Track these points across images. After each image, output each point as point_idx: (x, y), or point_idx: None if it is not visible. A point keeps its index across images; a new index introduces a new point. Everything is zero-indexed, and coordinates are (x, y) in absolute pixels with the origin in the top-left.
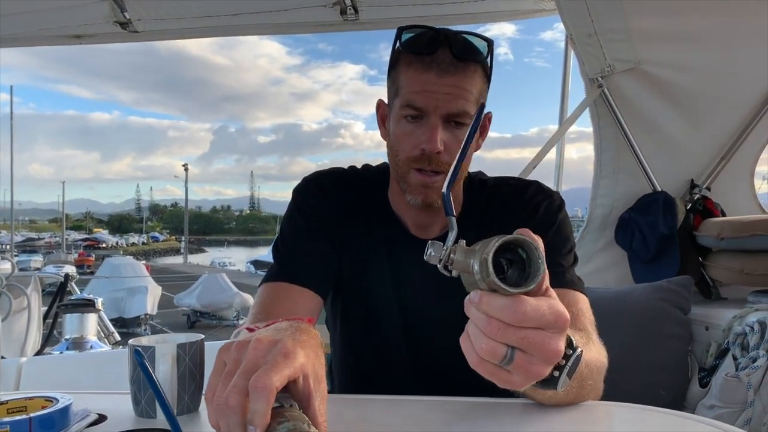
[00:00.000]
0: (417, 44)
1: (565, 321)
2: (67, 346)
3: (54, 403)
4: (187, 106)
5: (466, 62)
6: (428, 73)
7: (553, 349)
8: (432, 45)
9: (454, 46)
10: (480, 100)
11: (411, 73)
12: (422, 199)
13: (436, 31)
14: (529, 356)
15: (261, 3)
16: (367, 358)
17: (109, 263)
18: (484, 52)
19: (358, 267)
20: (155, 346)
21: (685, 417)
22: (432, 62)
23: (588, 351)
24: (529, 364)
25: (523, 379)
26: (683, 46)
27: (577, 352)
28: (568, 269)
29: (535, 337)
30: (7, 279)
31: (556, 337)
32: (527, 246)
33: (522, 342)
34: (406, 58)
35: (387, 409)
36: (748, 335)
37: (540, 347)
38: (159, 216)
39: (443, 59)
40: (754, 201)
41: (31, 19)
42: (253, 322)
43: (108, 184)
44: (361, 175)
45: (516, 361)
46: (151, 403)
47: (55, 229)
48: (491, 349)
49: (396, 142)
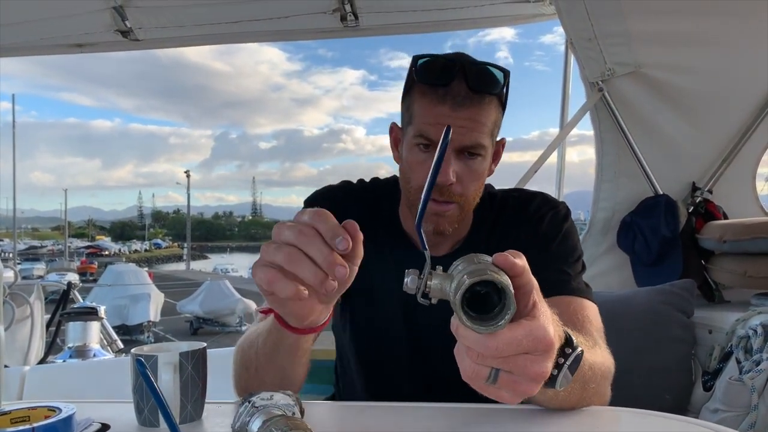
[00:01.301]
0: (432, 75)
1: (547, 344)
2: (70, 355)
3: (57, 412)
4: (188, 113)
5: (482, 94)
6: (442, 105)
7: (536, 371)
8: (447, 76)
9: (470, 77)
10: (495, 131)
11: (425, 104)
12: (434, 228)
13: (451, 62)
14: (514, 376)
15: (261, 10)
16: (373, 371)
17: (112, 270)
18: (501, 82)
19: (366, 281)
20: (157, 355)
21: (688, 422)
22: (446, 94)
23: (592, 354)
24: (514, 383)
25: (512, 396)
26: (683, 49)
27: (576, 351)
28: (574, 277)
29: (517, 361)
30: (10, 287)
31: (539, 360)
32: (500, 285)
33: (504, 365)
34: (421, 88)
35: (391, 416)
36: (752, 338)
37: (522, 370)
38: (161, 223)
39: (458, 92)
40: (756, 203)
41: (32, 28)
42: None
43: (110, 192)
44: (370, 189)
45: (501, 381)
46: (154, 412)
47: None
48: (474, 371)
49: (408, 169)
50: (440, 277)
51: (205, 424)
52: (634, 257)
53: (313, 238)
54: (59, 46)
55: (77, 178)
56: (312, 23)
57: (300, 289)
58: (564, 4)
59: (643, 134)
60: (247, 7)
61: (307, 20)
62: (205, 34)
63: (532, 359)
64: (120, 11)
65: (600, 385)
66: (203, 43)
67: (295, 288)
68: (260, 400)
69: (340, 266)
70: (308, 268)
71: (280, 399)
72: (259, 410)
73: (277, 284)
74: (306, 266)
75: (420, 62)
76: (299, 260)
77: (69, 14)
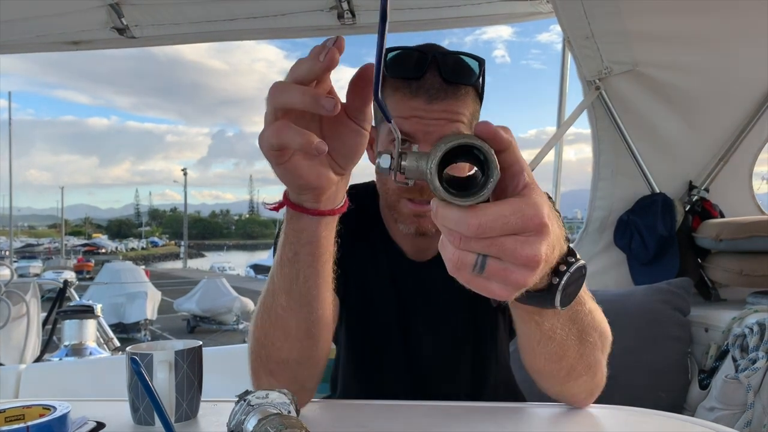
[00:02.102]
0: (403, 68)
1: (539, 223)
2: (66, 353)
3: (52, 411)
4: (184, 111)
5: (457, 86)
6: (417, 99)
7: (527, 254)
8: (419, 68)
9: (444, 68)
10: (473, 122)
11: (398, 99)
12: (416, 229)
13: (423, 53)
14: (503, 263)
15: (258, 8)
16: (368, 376)
17: (109, 268)
18: (476, 72)
19: (360, 286)
20: (153, 354)
21: (684, 420)
22: (420, 88)
23: (593, 303)
24: (504, 271)
25: (503, 288)
26: (680, 48)
27: (579, 262)
28: None
29: (505, 243)
30: (6, 286)
31: (530, 241)
32: (479, 148)
33: (490, 250)
34: (392, 83)
35: (387, 414)
36: (748, 337)
37: (512, 254)
38: (158, 221)
39: (432, 84)
40: (752, 202)
41: (28, 25)
42: None
43: (107, 189)
44: (354, 196)
45: (489, 269)
46: (150, 411)
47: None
48: (459, 259)
49: None
50: (415, 155)
51: (201, 422)
52: (630, 256)
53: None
54: (55, 44)
55: (74, 176)
56: (309, 21)
57: (310, 135)
58: (561, 2)
59: (640, 133)
60: (244, 4)
61: (304, 18)
62: (201, 31)
63: (523, 240)
64: (116, 8)
65: (598, 344)
66: (200, 41)
67: (307, 134)
68: (256, 399)
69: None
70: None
71: (276, 397)
72: (255, 409)
73: (286, 132)
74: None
75: (390, 56)
76: (290, 88)
77: (65, 11)
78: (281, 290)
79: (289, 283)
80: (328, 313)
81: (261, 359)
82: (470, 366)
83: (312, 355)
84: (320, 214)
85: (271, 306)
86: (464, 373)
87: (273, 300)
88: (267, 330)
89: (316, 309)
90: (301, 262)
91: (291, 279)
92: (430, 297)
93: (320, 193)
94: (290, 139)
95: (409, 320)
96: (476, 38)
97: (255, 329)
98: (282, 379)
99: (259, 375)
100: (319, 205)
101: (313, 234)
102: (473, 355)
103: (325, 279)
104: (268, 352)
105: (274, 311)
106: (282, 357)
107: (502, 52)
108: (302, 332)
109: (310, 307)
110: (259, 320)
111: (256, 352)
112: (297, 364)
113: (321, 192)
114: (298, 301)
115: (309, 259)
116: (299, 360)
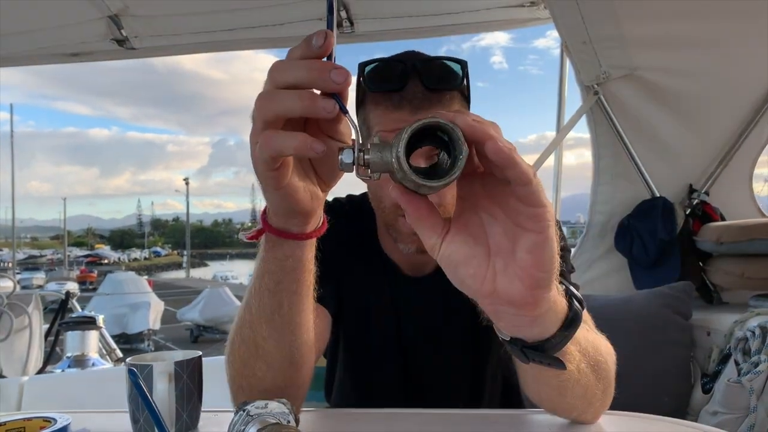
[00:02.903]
0: (382, 80)
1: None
2: (68, 364)
3: (52, 423)
4: (185, 121)
5: (441, 92)
6: (400, 111)
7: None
8: (399, 79)
9: (425, 76)
10: None
11: (380, 113)
12: (416, 248)
13: (402, 63)
14: None
15: (256, 18)
16: (366, 391)
17: (111, 279)
18: (460, 75)
19: (356, 304)
20: (152, 364)
21: (687, 425)
22: (402, 99)
23: (591, 335)
24: None
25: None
26: (678, 51)
27: (576, 306)
28: (565, 276)
29: None
30: (8, 297)
31: None
32: (443, 128)
33: None
34: (374, 97)
35: (385, 423)
36: (750, 340)
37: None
38: (161, 231)
39: (415, 94)
40: (753, 205)
41: (28, 38)
42: None
43: (108, 200)
44: (348, 209)
45: None
46: (150, 422)
47: (57, 246)
48: None
49: (377, 188)
50: (377, 146)
51: None
52: (631, 260)
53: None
54: (55, 56)
55: (75, 186)
56: (307, 30)
57: (304, 134)
58: (558, 8)
59: (640, 137)
60: (243, 14)
61: (303, 27)
62: (200, 42)
63: None
64: (116, 20)
65: (607, 362)
66: (199, 51)
67: (300, 134)
68: (255, 409)
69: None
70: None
71: (275, 407)
72: (254, 419)
73: (277, 139)
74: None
75: (368, 69)
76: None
77: (65, 24)
78: (261, 320)
79: (270, 313)
80: (311, 336)
81: (243, 390)
82: (469, 381)
83: (296, 382)
84: (307, 238)
85: (251, 337)
86: (462, 388)
87: (252, 331)
88: (247, 361)
89: (300, 335)
90: (284, 291)
91: (273, 309)
92: (427, 313)
93: (310, 216)
94: (284, 144)
95: (407, 336)
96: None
97: (234, 360)
98: None
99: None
100: (306, 228)
101: (299, 259)
102: (472, 370)
103: (309, 303)
104: (250, 383)
105: (254, 342)
106: (265, 387)
107: (499, 58)
108: (286, 361)
109: (294, 335)
110: (238, 352)
111: (238, 383)
112: (279, 391)
113: (311, 215)
114: (281, 330)
115: (293, 286)
116: (283, 388)
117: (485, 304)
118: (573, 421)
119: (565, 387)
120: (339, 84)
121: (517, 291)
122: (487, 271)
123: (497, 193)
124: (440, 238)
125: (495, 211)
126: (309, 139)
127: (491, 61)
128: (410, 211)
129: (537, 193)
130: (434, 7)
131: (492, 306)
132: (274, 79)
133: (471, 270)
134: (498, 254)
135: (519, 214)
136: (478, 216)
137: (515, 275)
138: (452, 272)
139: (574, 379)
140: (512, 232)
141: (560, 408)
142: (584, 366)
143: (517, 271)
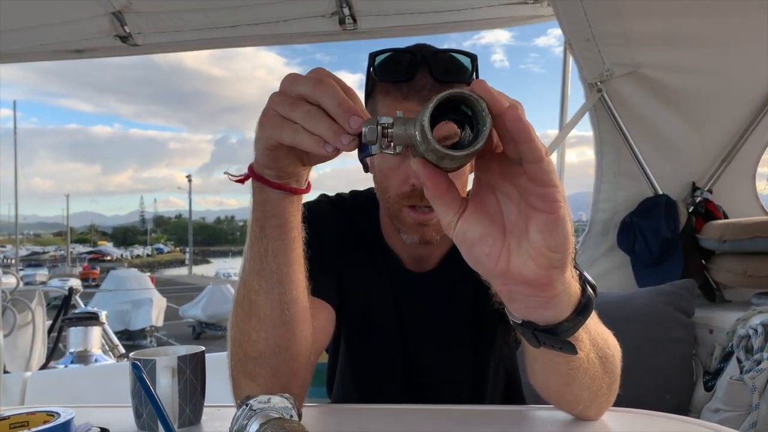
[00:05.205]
0: (393, 71)
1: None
2: (71, 360)
3: (56, 417)
4: (187, 118)
5: (450, 84)
6: (409, 101)
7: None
8: (410, 70)
9: (434, 68)
10: None
11: (389, 103)
12: (420, 238)
13: (412, 54)
14: None
15: (259, 14)
16: (368, 387)
17: (114, 276)
18: (469, 69)
19: (359, 299)
20: (155, 359)
21: (689, 422)
22: (411, 90)
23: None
24: None
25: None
26: (682, 49)
27: (589, 291)
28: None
29: None
30: (12, 293)
31: None
32: (468, 100)
33: None
34: (383, 87)
35: (389, 418)
36: (752, 338)
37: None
38: (163, 228)
39: (424, 85)
40: (756, 202)
41: (31, 34)
42: None
43: (110, 197)
44: (351, 205)
45: None
46: (153, 417)
47: (59, 243)
48: None
49: (382, 177)
50: (401, 120)
51: (204, 428)
52: (634, 258)
53: (332, 88)
54: (58, 52)
55: (77, 183)
56: (310, 27)
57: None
58: (562, 5)
59: (643, 134)
60: (246, 11)
61: (306, 24)
62: (203, 38)
63: None
64: (119, 16)
65: (616, 354)
66: (202, 48)
67: (318, 138)
68: (258, 403)
69: (355, 116)
70: (325, 122)
71: (278, 402)
72: (257, 413)
73: (299, 133)
74: (323, 121)
75: (378, 59)
76: (318, 116)
77: (68, 20)
78: (252, 273)
79: (259, 262)
80: (302, 297)
81: (240, 362)
82: (470, 377)
83: (289, 346)
84: (280, 189)
85: (245, 295)
86: (464, 384)
87: (245, 288)
88: (242, 325)
89: (289, 289)
90: (268, 237)
91: (261, 256)
92: (429, 308)
93: (290, 177)
94: (303, 141)
95: (410, 331)
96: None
97: (232, 331)
98: (261, 378)
99: (239, 381)
100: (280, 181)
101: (277, 206)
102: (474, 366)
103: (296, 258)
104: (245, 351)
105: (248, 298)
106: (258, 350)
107: (500, 56)
108: (277, 317)
109: (282, 286)
110: (234, 319)
111: (236, 355)
112: (273, 356)
113: (292, 176)
114: (270, 280)
115: (276, 232)
116: (275, 351)
117: (498, 284)
118: (576, 417)
119: (574, 376)
120: (345, 145)
121: (530, 270)
122: (502, 250)
123: (513, 173)
124: (457, 215)
125: (510, 190)
126: (320, 140)
127: (492, 60)
128: (430, 185)
129: (548, 173)
130: (437, 4)
131: (505, 286)
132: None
133: (486, 249)
134: (512, 233)
135: (530, 194)
136: (494, 195)
137: (528, 255)
138: (467, 250)
139: (583, 368)
140: (525, 212)
141: (566, 400)
142: (593, 356)
143: (530, 251)
